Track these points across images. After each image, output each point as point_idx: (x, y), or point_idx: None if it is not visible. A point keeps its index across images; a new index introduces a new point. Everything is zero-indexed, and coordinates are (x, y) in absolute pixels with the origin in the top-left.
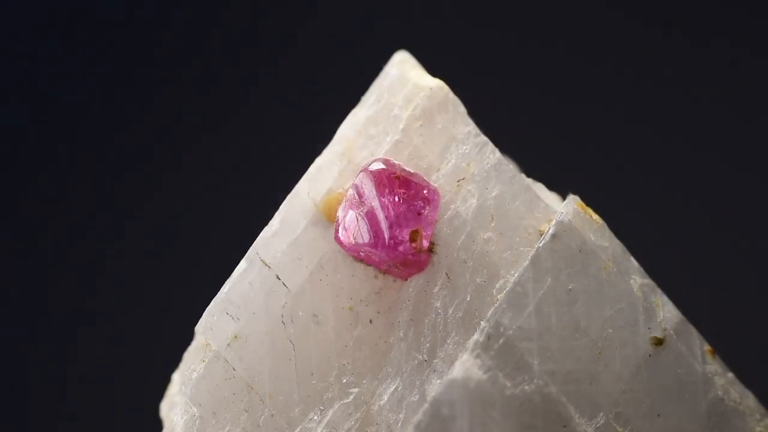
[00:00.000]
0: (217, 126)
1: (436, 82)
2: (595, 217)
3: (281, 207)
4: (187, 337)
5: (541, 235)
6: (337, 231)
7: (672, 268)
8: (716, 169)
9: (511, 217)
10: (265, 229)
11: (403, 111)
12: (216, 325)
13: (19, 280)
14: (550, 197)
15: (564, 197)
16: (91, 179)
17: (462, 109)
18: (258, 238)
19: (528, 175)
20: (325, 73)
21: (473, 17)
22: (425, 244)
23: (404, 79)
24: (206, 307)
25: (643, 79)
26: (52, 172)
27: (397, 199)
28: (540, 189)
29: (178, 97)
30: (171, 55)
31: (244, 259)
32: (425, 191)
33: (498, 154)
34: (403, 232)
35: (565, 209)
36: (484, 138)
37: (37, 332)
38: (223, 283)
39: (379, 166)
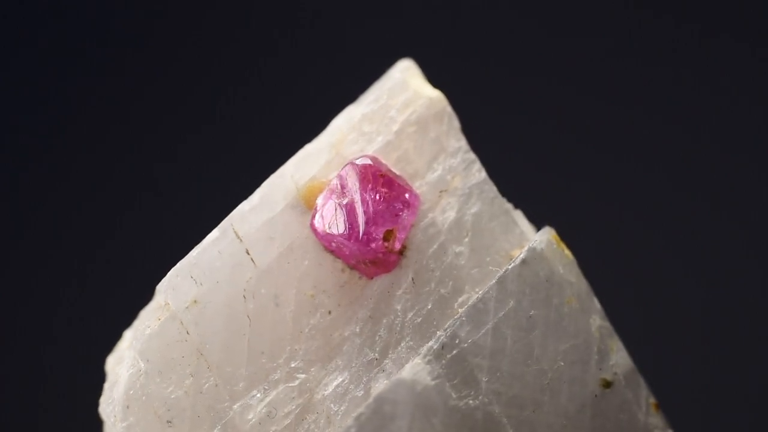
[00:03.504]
0: (217, 125)
1: (436, 93)
2: (567, 252)
3: (263, 184)
4: None
5: (511, 260)
6: (313, 218)
7: (672, 268)
8: (716, 168)
9: (485, 236)
10: (244, 203)
11: (400, 114)
12: (179, 286)
13: (18, 279)
14: (526, 226)
15: (539, 228)
16: (91, 179)
17: (456, 124)
18: (235, 211)
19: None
20: (325, 73)
21: (472, 17)
22: (397, 245)
23: (406, 85)
24: None
25: (643, 79)
26: (52, 172)
27: (378, 197)
28: (518, 216)
29: (177, 97)
30: (170, 55)
31: (217, 228)
32: (407, 194)
33: (484, 173)
34: (378, 230)
35: (539, 237)
36: (473, 155)
37: (35, 331)
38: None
39: (367, 161)
